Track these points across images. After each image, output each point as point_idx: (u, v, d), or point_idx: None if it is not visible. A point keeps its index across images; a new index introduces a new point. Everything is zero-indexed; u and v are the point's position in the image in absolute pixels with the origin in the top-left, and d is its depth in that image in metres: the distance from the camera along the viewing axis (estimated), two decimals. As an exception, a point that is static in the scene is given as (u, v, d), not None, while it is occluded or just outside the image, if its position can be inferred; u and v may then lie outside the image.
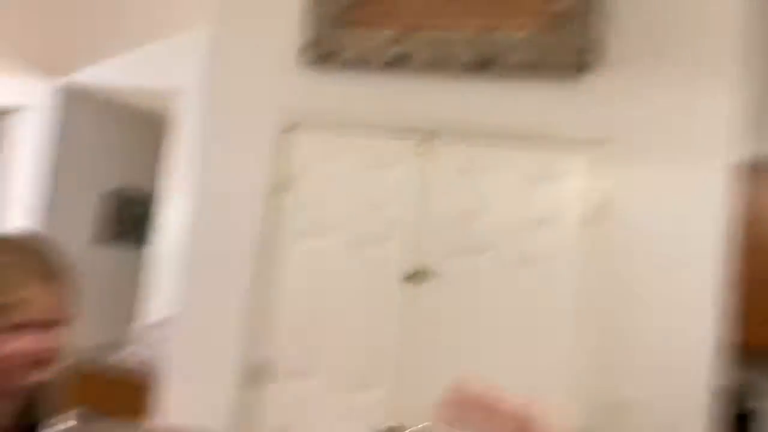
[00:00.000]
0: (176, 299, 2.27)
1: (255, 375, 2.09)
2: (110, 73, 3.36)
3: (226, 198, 2.25)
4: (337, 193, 2.17)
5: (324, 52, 2.14)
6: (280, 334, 2.12)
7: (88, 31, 3.21)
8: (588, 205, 1.99)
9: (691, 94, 1.96)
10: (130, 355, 2.73)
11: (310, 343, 2.09)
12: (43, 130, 3.50)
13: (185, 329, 2.21)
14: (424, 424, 0.71)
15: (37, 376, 0.78)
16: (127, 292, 3.56)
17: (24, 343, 0.75)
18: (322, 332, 2.09)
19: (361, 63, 2.12)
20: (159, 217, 3.20)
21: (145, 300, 3.11)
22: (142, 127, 3.90)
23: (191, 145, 2.55)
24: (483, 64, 2.03)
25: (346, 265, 2.13)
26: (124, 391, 2.65)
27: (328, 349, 2.07)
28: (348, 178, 2.17)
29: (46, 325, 0.78)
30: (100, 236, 3.75)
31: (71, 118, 3.55)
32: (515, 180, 2.04)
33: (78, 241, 3.55)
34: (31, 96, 3.52)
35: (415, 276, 2.04)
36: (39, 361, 0.77)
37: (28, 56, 3.26)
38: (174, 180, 3.13)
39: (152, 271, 3.09)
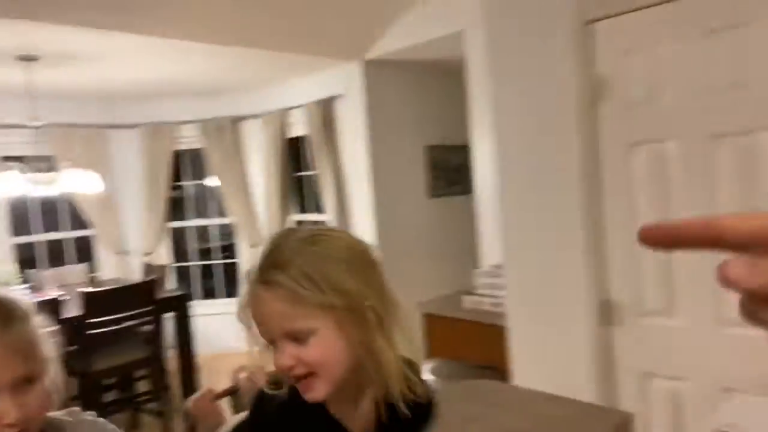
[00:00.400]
0: (507, 242, 2.12)
1: (607, 314, 1.86)
2: (399, 40, 3.50)
3: (532, 124, 1.95)
4: (668, 79, 1.64)
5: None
6: (628, 270, 1.79)
7: (375, 5, 3.34)
8: None
9: None
10: (477, 301, 2.73)
11: (664, 278, 1.71)
12: (360, 105, 3.86)
13: (523, 270, 2.05)
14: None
15: None
16: (463, 239, 3.78)
17: None
18: (680, 264, 1.67)
19: None
20: (475, 165, 3.28)
21: (480, 245, 3.18)
22: (446, 80, 4.07)
23: (486, 83, 2.35)
24: None
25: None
26: (476, 337, 2.67)
27: (687, 284, 1.67)
28: (679, 55, 1.61)
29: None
30: (430, 190, 4.14)
31: (381, 88, 3.89)
32: None
33: (413, 197, 4.05)
34: (346, 77, 3.91)
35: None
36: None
37: (336, 44, 3.58)
38: (480, 125, 3.15)
39: (480, 218, 3.18)
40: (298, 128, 4.42)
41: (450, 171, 4.30)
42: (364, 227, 3.99)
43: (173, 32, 3.02)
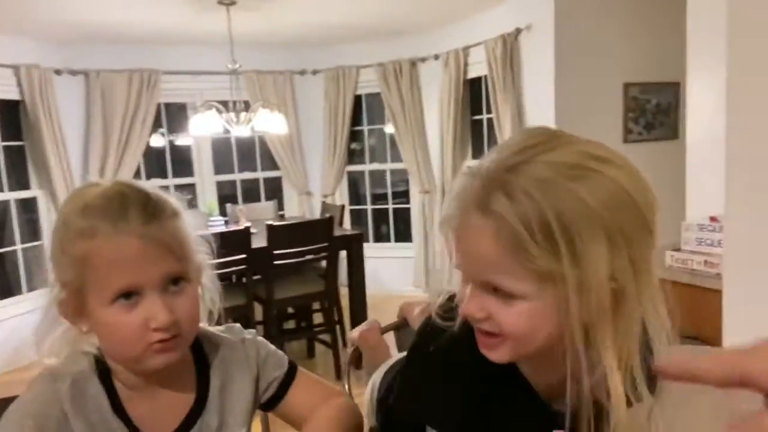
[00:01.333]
0: (731, 193, 1.83)
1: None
2: None
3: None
4: None
5: None
6: None
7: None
8: None
9: None
10: (682, 258, 2.41)
11: None
12: (548, 37, 3.49)
13: (751, 224, 1.76)
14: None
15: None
16: (665, 189, 3.57)
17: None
18: None
19: None
20: (688, 105, 2.79)
21: (689, 196, 2.83)
22: (653, 6, 3.59)
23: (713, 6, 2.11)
24: None
25: None
26: (678, 300, 2.56)
27: None
28: None
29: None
30: (627, 133, 3.72)
31: (573, 18, 3.48)
32: None
33: (606, 142, 3.69)
34: (533, 7, 3.59)
35: None
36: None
37: None
38: (698, 58, 2.67)
39: (689, 166, 2.79)
40: (477, 68, 4.17)
41: (651, 112, 3.73)
42: (544, 175, 3.66)
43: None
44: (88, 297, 0.72)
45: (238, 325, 0.90)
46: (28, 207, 4.19)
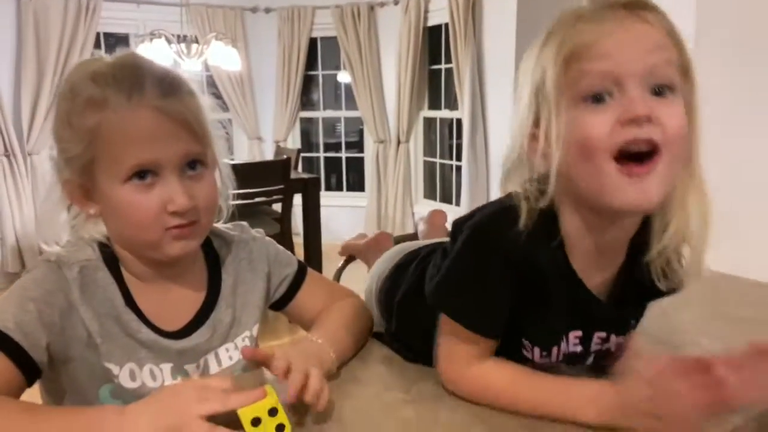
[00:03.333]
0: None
1: None
2: None
3: None
4: None
5: None
6: None
7: None
8: None
9: None
10: None
11: None
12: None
13: None
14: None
15: None
16: None
17: None
18: None
19: None
20: None
21: None
22: None
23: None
24: None
25: None
26: None
27: None
28: None
29: None
30: None
31: None
32: None
33: None
34: None
35: None
36: None
37: None
38: None
39: None
40: (438, 15, 4.10)
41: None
42: (500, 127, 3.70)
43: None
44: (98, 175, 0.68)
45: (245, 223, 0.88)
46: (-48, 138, 3.85)
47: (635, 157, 0.59)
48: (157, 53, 3.28)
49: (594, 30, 0.60)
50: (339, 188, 5.29)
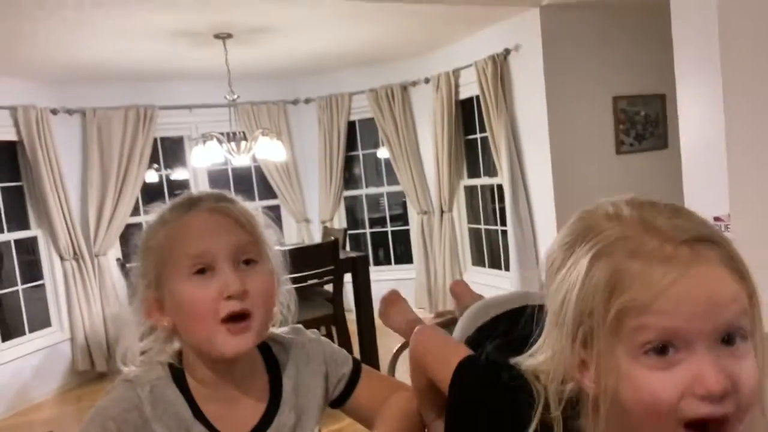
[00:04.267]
0: (735, 197, 1.90)
1: None
2: None
3: None
4: None
5: None
6: None
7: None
8: None
9: None
10: None
11: None
12: (537, 56, 3.56)
13: (755, 226, 1.82)
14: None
15: None
16: (659, 199, 3.47)
17: None
18: None
19: None
20: (679, 116, 2.70)
21: (687, 201, 2.71)
22: (637, 22, 3.68)
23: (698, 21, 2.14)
24: None
25: None
26: None
27: None
28: None
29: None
30: (618, 145, 3.76)
31: (560, 36, 3.55)
32: None
33: (598, 153, 3.68)
34: (520, 28, 3.65)
35: None
36: None
37: None
38: (686, 70, 2.63)
39: (686, 172, 2.67)
40: (468, 89, 4.27)
41: (641, 124, 3.84)
42: (541, 190, 3.74)
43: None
44: (167, 282, 0.76)
45: (300, 326, 0.93)
46: (28, 247, 4.16)
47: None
48: (210, 153, 3.53)
49: (653, 280, 0.51)
50: (387, 262, 5.35)
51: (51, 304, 4.21)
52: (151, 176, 4.68)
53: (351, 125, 5.13)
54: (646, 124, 3.84)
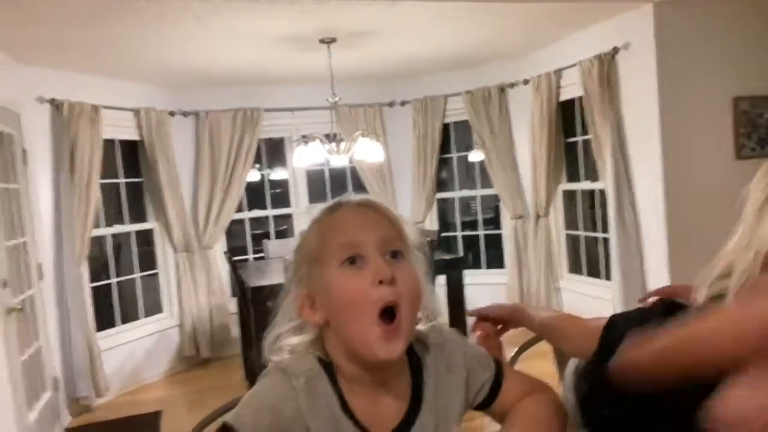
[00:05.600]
0: None
1: None
2: None
3: None
4: None
5: None
6: None
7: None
8: None
9: None
10: None
11: None
12: (648, 55, 3.38)
13: None
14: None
15: None
16: None
17: None
18: None
19: None
20: None
21: None
22: (761, 15, 3.47)
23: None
24: None
25: None
26: None
27: None
28: None
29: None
30: (739, 149, 3.49)
31: (674, 33, 3.35)
32: None
33: (715, 158, 3.44)
34: (630, 26, 3.49)
35: None
36: None
37: None
38: None
39: None
40: (570, 90, 4.12)
41: (764, 127, 3.54)
42: (650, 197, 3.54)
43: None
44: (319, 275, 0.79)
45: (441, 324, 0.92)
46: (146, 238, 4.52)
47: None
48: (311, 153, 3.66)
49: None
50: (477, 266, 5.29)
51: (163, 291, 4.55)
52: (254, 175, 4.93)
53: (445, 127, 5.12)
54: (770, 127, 3.54)
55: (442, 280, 3.78)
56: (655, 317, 0.79)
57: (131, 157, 4.44)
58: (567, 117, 4.36)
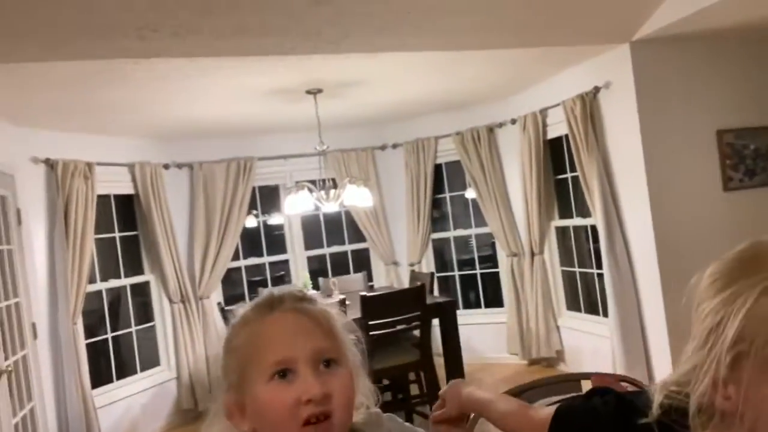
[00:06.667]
0: None
1: None
2: (674, 11, 2.97)
3: None
4: None
5: None
6: None
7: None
8: None
9: None
10: None
11: None
12: (629, 92, 3.43)
13: None
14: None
15: None
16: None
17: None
18: None
19: None
20: None
21: None
22: (740, 50, 3.52)
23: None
24: None
25: None
26: None
27: None
28: None
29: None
30: (726, 181, 3.50)
31: (654, 71, 3.41)
32: None
33: (702, 191, 3.47)
34: (609, 65, 3.56)
35: None
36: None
37: (599, 28, 3.19)
38: None
39: None
40: (557, 128, 4.18)
41: (750, 158, 3.56)
42: (640, 231, 3.54)
43: (443, 44, 3.12)
44: (249, 385, 0.77)
45: (378, 410, 0.91)
46: (142, 291, 4.53)
47: None
48: (301, 202, 3.70)
49: None
50: (477, 305, 5.25)
51: (160, 344, 4.53)
52: (250, 222, 4.97)
53: (438, 168, 5.18)
54: (756, 158, 3.56)
55: (436, 322, 3.76)
56: (606, 416, 0.79)
57: (127, 210, 4.49)
58: (556, 154, 4.40)
